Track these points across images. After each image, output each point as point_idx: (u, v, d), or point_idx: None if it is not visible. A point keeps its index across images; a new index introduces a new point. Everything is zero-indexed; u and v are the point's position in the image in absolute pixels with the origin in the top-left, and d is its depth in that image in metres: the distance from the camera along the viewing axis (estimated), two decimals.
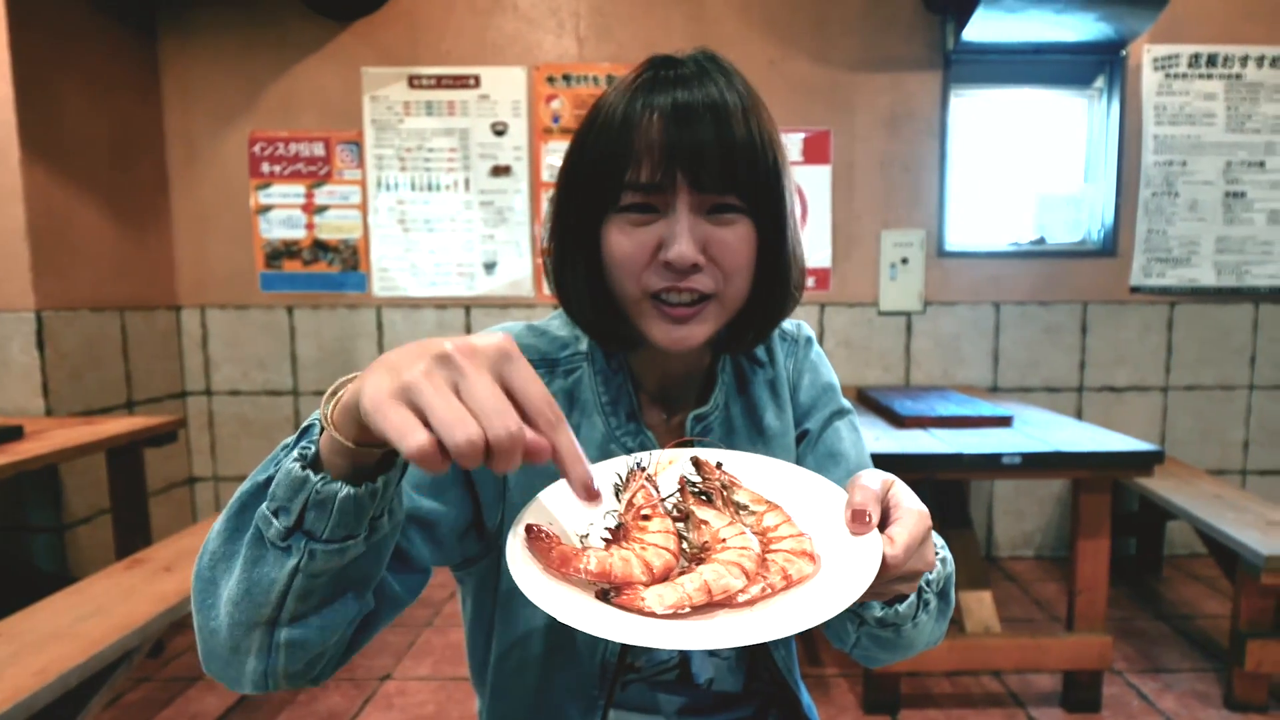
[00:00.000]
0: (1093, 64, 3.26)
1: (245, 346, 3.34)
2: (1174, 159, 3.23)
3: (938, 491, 2.47)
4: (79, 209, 2.81)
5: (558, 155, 3.23)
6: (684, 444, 0.81)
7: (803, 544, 0.58)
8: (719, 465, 0.66)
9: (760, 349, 0.88)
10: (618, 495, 0.63)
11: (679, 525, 0.61)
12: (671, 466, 0.67)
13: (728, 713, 0.87)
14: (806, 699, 0.89)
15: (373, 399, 0.43)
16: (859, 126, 3.25)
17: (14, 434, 2.14)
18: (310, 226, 3.28)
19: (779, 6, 3.20)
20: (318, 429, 0.53)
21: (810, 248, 3.26)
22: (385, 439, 0.43)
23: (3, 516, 2.67)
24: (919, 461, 2.02)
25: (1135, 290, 3.30)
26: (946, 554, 0.71)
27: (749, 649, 0.87)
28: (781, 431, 0.85)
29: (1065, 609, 2.21)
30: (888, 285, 3.30)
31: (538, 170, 3.26)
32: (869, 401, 2.81)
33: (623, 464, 0.66)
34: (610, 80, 3.14)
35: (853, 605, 0.54)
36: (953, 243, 3.33)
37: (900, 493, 0.60)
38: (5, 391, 2.63)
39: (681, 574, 0.56)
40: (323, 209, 3.28)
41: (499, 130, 3.24)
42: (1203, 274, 3.28)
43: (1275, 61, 3.18)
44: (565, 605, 0.51)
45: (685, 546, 0.59)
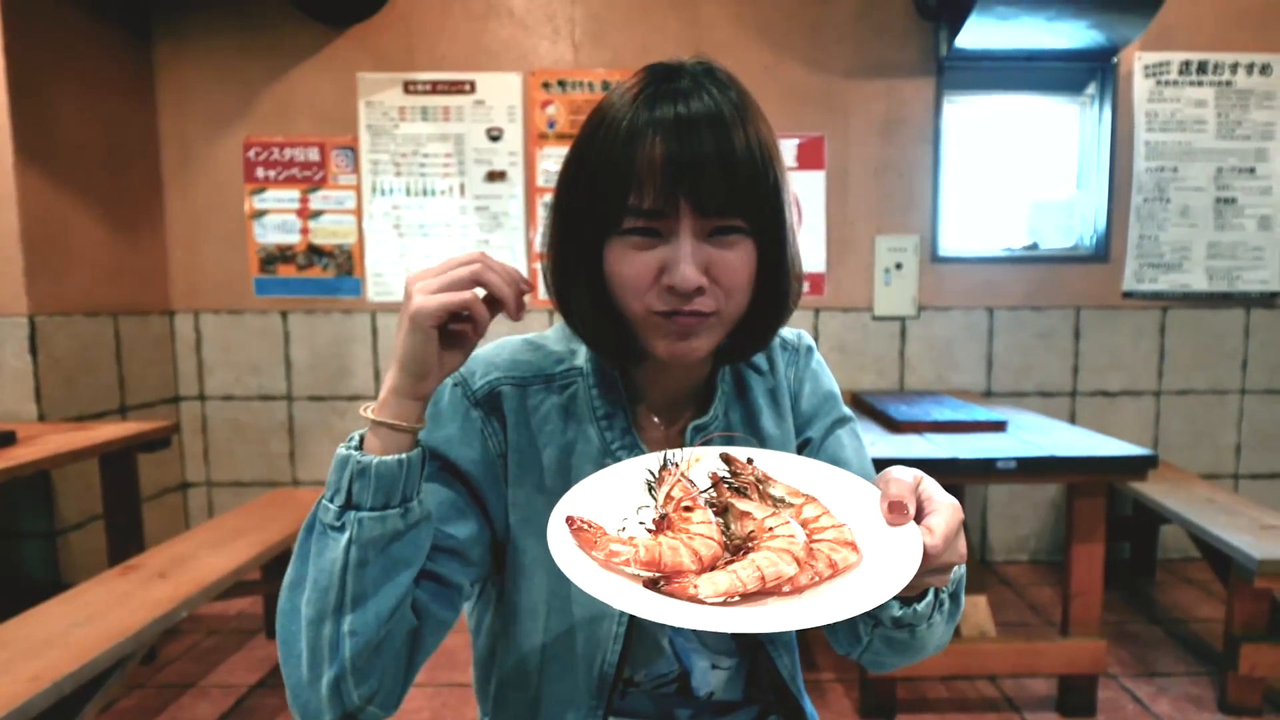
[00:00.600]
0: (1085, 71, 3.28)
1: (239, 351, 3.33)
2: (1165, 165, 3.26)
3: None
4: (73, 213, 2.80)
5: (553, 161, 3.24)
6: (708, 438, 0.81)
7: (844, 534, 0.60)
8: (750, 461, 0.67)
9: (760, 357, 0.87)
10: (651, 491, 0.64)
11: (719, 519, 0.62)
12: (698, 465, 0.68)
13: (729, 718, 0.87)
14: (808, 706, 0.89)
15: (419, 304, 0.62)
16: (853, 132, 3.27)
17: (6, 439, 2.13)
18: (305, 231, 3.28)
19: (773, 13, 3.22)
20: (358, 436, 0.66)
21: (805, 253, 3.22)
22: (449, 308, 0.61)
23: None
24: (914, 466, 2.02)
25: (1128, 295, 3.32)
26: None
27: (750, 658, 0.87)
28: (782, 441, 0.85)
29: (1060, 613, 2.22)
30: (882, 290, 3.31)
31: (533, 176, 3.26)
32: (864, 406, 2.82)
33: (653, 460, 0.67)
34: (606, 86, 3.15)
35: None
36: (946, 248, 3.34)
37: (930, 487, 0.62)
38: None
39: (728, 564, 0.57)
40: (317, 214, 3.27)
41: (494, 136, 3.24)
42: (1194, 279, 3.30)
43: (1265, 69, 3.21)
44: (620, 594, 0.53)
45: (727, 538, 0.60)
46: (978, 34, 2.99)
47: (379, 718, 0.68)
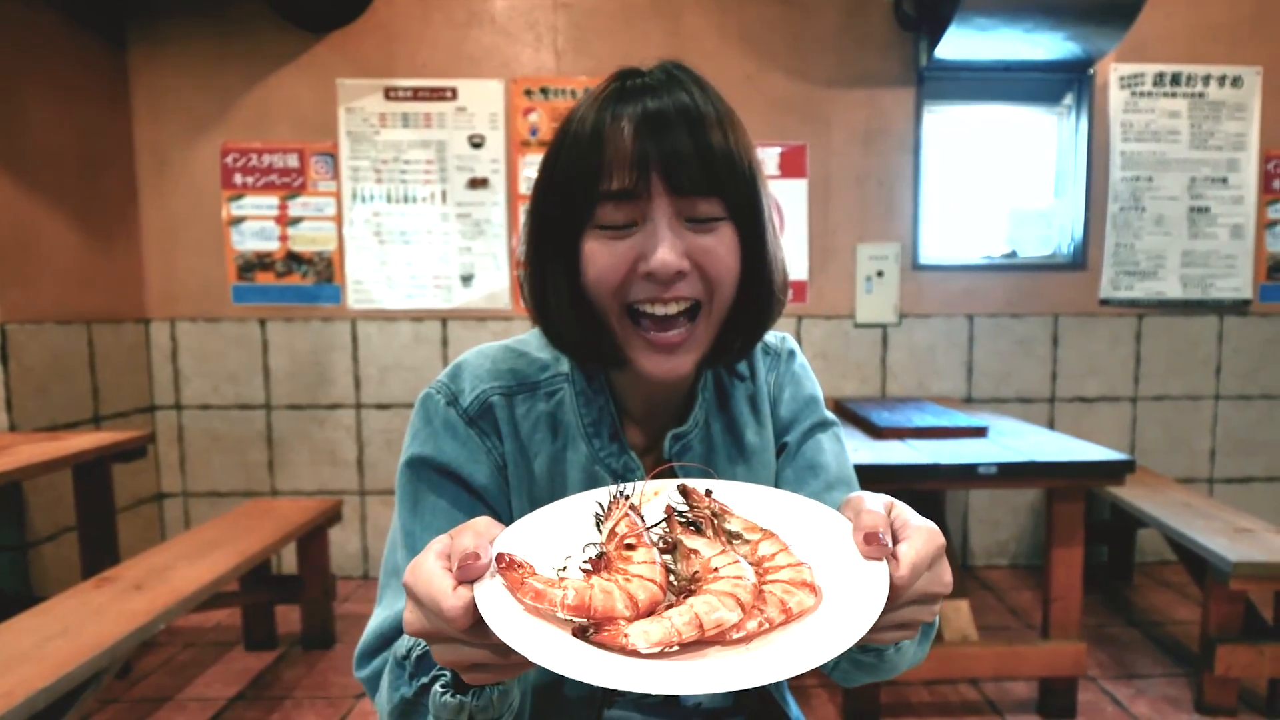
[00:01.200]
0: (1062, 82, 3.33)
1: (216, 360, 3.29)
2: (1140, 175, 3.31)
3: (914, 502, 2.47)
4: (45, 220, 2.75)
5: (535, 168, 3.22)
6: (665, 468, 0.78)
7: (802, 574, 0.54)
8: (708, 492, 0.61)
9: (742, 363, 0.87)
10: (599, 526, 0.59)
11: (666, 557, 0.56)
12: (657, 497, 0.62)
13: None
14: (795, 712, 0.89)
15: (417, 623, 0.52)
16: (835, 141, 3.29)
17: None
18: (284, 238, 3.25)
19: (756, 22, 3.24)
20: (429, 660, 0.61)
21: (787, 260, 3.28)
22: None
23: None
24: (896, 472, 2.04)
25: (1104, 303, 3.37)
26: None
27: None
28: (761, 448, 0.85)
29: (1040, 617, 2.24)
30: (864, 298, 3.34)
31: (515, 183, 3.25)
32: (846, 413, 2.83)
33: (605, 494, 0.61)
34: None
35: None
36: (927, 256, 3.37)
37: (904, 512, 0.56)
38: None
39: (669, 608, 0.51)
40: (296, 221, 3.24)
41: (476, 143, 3.23)
42: (1169, 287, 3.36)
43: (1236, 81, 3.28)
44: (538, 644, 0.47)
45: (673, 579, 0.55)
46: (957, 45, 3.02)
47: None
